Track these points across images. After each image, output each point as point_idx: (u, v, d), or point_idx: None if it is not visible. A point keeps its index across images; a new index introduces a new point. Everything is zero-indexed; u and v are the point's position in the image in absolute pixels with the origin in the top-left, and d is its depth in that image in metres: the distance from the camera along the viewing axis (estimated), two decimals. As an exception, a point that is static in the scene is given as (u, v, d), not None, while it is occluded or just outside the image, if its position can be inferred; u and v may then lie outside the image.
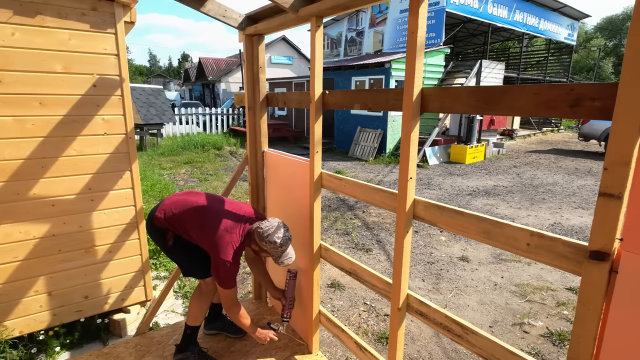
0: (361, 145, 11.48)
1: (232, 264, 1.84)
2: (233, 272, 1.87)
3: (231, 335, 2.41)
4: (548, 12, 16.06)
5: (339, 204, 6.52)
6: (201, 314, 2.15)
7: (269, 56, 23.81)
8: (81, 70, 2.33)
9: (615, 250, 0.92)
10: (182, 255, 2.08)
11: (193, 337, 2.17)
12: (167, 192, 6.97)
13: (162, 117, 11.73)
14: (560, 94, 1.00)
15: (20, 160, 2.23)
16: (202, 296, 2.15)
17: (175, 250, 2.06)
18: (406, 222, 1.49)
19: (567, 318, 3.16)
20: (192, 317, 2.14)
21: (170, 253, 2.10)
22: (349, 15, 16.11)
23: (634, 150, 0.84)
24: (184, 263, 2.11)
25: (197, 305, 2.14)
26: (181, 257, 2.09)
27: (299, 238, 2.28)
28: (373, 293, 3.53)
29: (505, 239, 1.17)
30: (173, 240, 2.02)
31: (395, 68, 11.01)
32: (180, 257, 2.10)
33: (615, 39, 42.86)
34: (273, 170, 2.51)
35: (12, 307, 2.34)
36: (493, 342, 1.25)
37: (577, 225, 5.43)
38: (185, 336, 2.16)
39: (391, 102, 1.56)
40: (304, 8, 1.82)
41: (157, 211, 2.01)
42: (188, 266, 2.12)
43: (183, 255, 2.08)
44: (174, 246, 2.04)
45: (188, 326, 2.15)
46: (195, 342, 2.19)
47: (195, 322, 2.15)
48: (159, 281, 3.56)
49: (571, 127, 19.84)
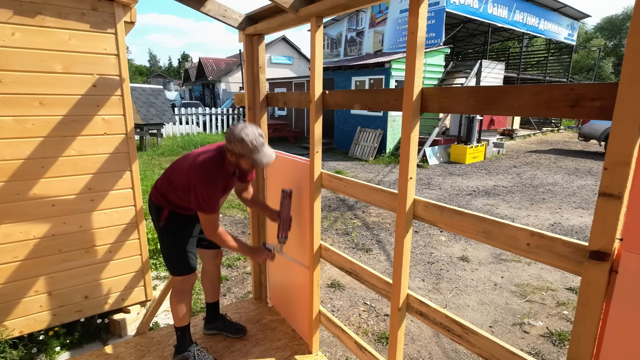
0: (361, 145, 11.48)
1: (209, 185, 1.80)
2: (211, 193, 1.81)
3: (231, 335, 2.41)
4: (548, 12, 16.05)
5: (339, 204, 6.52)
6: (183, 313, 2.12)
7: (269, 56, 23.82)
8: (81, 70, 2.33)
9: (615, 250, 0.92)
10: (168, 241, 2.06)
11: (186, 337, 2.16)
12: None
13: (162, 117, 11.74)
14: (560, 94, 1.00)
15: (20, 160, 2.23)
16: (178, 295, 2.11)
17: (164, 234, 2.05)
18: (406, 222, 1.49)
19: (567, 318, 3.16)
20: (176, 318, 2.13)
21: (159, 236, 2.09)
22: (349, 15, 16.11)
23: (634, 150, 0.84)
24: (165, 250, 2.09)
25: (175, 305, 2.11)
26: (166, 242, 2.07)
27: (299, 238, 2.28)
28: (373, 293, 3.53)
29: (505, 239, 1.17)
30: (165, 221, 2.01)
31: (395, 68, 11.01)
32: (165, 243, 2.07)
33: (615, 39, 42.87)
34: (273, 170, 2.51)
35: (12, 307, 2.34)
36: (493, 342, 1.25)
37: (577, 225, 5.43)
38: (178, 338, 2.16)
39: (391, 102, 1.56)
40: (304, 8, 1.82)
41: (153, 186, 2.05)
42: (166, 254, 2.09)
43: (169, 241, 2.06)
44: (165, 227, 2.02)
45: (177, 328, 2.15)
46: (192, 341, 2.19)
47: (181, 322, 2.13)
48: (159, 281, 3.56)
49: (571, 127, 19.84)
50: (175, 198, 1.99)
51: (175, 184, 1.95)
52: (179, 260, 2.06)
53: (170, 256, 2.08)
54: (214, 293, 2.45)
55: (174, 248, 2.06)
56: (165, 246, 2.09)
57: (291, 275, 2.46)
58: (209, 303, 2.46)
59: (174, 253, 2.07)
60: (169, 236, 2.06)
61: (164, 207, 2.02)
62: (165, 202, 2.02)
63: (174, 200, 2.00)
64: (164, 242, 2.09)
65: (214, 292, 2.45)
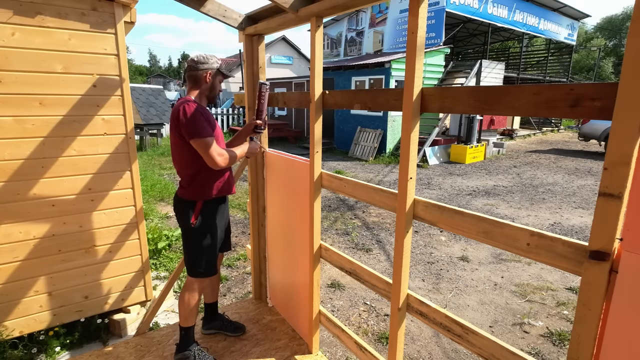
0: (361, 145, 11.48)
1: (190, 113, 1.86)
2: (195, 118, 1.87)
3: (230, 334, 2.41)
4: (548, 12, 16.05)
5: (339, 204, 6.52)
6: (190, 313, 2.13)
7: (269, 56, 23.80)
8: (81, 71, 2.33)
9: (615, 250, 0.92)
10: (200, 240, 2.07)
11: (190, 336, 2.17)
12: (167, 192, 6.97)
13: (162, 117, 11.74)
14: (560, 94, 1.00)
15: (20, 161, 2.23)
16: (193, 295, 2.12)
17: (196, 232, 2.05)
18: (406, 222, 1.49)
19: (567, 318, 3.16)
20: (182, 318, 2.14)
21: (188, 236, 2.08)
22: (349, 15, 16.11)
23: (634, 150, 0.84)
24: (192, 250, 2.08)
25: (186, 305, 2.12)
26: (196, 242, 2.07)
27: (299, 238, 2.28)
28: (373, 293, 3.53)
29: (505, 239, 1.17)
30: (199, 215, 2.04)
31: (395, 68, 11.01)
32: (195, 242, 2.07)
33: (615, 39, 42.86)
34: (273, 170, 2.51)
35: (12, 307, 2.34)
36: (493, 342, 1.25)
37: (577, 225, 5.43)
38: (181, 337, 2.17)
39: (391, 102, 1.56)
40: (304, 8, 1.82)
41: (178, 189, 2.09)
42: (194, 255, 2.09)
43: (200, 240, 2.07)
44: (199, 225, 2.05)
45: (182, 327, 2.16)
46: (194, 341, 2.19)
47: (187, 322, 2.14)
48: (159, 281, 3.56)
49: (571, 127, 19.83)
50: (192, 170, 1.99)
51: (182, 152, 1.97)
52: (205, 261, 2.08)
53: (199, 256, 2.08)
54: (213, 294, 2.45)
55: (204, 248, 2.07)
56: (195, 246, 2.08)
57: (291, 275, 2.46)
58: (208, 303, 2.46)
59: (203, 253, 2.08)
60: (201, 235, 2.06)
61: (196, 200, 2.03)
62: (194, 191, 2.02)
63: (197, 178, 2.00)
64: (194, 242, 2.08)
65: (213, 292, 2.45)
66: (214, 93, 2.09)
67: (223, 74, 2.09)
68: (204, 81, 2.01)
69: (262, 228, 2.75)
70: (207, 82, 2.02)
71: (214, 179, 2.04)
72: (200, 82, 2.01)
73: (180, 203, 2.07)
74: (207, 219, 2.06)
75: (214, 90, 2.08)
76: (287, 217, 2.40)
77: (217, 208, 2.11)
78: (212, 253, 2.11)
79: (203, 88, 2.03)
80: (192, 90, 2.03)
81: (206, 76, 2.00)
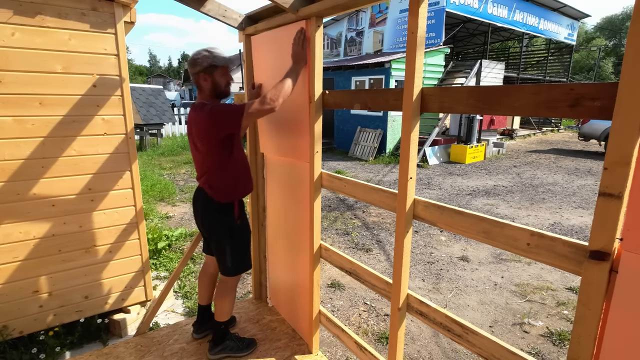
0: (361, 145, 11.48)
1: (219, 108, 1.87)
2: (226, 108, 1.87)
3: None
4: (548, 12, 16.05)
5: (339, 203, 6.52)
6: (232, 308, 2.21)
7: (269, 56, 23.74)
8: (81, 70, 2.33)
9: (615, 250, 0.92)
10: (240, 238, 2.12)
11: (227, 329, 2.23)
12: (167, 192, 6.97)
13: (162, 117, 11.74)
14: (560, 93, 1.00)
15: (20, 161, 2.23)
16: (232, 292, 2.17)
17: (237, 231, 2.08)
18: (406, 222, 1.49)
19: (567, 318, 3.16)
20: (224, 314, 2.17)
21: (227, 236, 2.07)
22: (349, 15, 16.10)
23: (634, 150, 0.84)
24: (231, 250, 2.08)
25: (227, 302, 2.17)
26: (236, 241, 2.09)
27: (299, 238, 2.28)
28: (373, 293, 3.53)
29: (505, 239, 1.17)
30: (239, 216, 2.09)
31: (395, 68, 11.01)
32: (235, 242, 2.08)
33: (615, 39, 42.86)
34: (273, 170, 2.51)
35: (12, 307, 2.34)
36: (493, 342, 1.25)
37: (577, 225, 5.43)
38: (220, 331, 2.20)
39: (391, 102, 1.56)
40: (303, 8, 1.82)
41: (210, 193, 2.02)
42: (233, 254, 2.08)
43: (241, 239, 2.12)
44: (241, 224, 2.11)
45: (220, 322, 2.18)
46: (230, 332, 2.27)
47: (227, 316, 2.19)
48: (159, 281, 3.56)
49: (571, 127, 19.83)
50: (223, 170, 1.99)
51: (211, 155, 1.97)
52: (244, 258, 2.15)
53: (239, 255, 2.12)
54: (210, 296, 2.44)
55: (248, 244, 2.18)
56: (241, 244, 2.13)
57: (291, 275, 2.46)
58: (203, 305, 2.42)
59: (248, 249, 2.18)
60: (244, 232, 2.15)
61: (233, 200, 2.06)
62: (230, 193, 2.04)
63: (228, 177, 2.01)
64: (239, 240, 2.11)
65: (210, 295, 2.44)
66: (220, 89, 2.01)
67: (219, 65, 1.95)
68: (203, 84, 1.98)
69: (262, 228, 2.75)
70: (206, 83, 1.98)
71: (242, 177, 2.10)
72: (201, 86, 1.98)
73: (212, 205, 2.04)
74: (243, 216, 2.16)
75: (218, 87, 1.99)
76: (287, 217, 2.40)
77: (244, 205, 2.21)
78: (249, 249, 2.22)
79: (206, 90, 1.99)
80: (200, 94, 2.01)
81: (201, 79, 1.96)
